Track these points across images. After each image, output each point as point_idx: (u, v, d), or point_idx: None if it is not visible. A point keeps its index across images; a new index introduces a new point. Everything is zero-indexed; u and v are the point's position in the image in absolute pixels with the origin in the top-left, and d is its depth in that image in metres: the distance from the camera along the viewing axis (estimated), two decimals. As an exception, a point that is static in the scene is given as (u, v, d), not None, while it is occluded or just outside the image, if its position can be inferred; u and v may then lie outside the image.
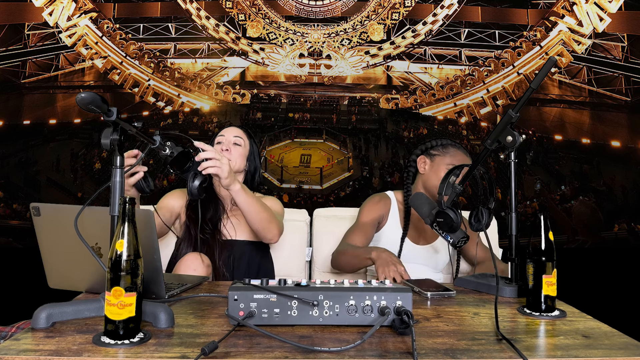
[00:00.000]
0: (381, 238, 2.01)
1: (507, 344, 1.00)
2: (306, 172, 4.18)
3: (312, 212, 2.28)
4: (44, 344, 0.97)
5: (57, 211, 1.26)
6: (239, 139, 1.98)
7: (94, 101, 1.03)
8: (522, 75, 4.19)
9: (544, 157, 4.15)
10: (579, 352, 0.98)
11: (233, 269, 1.87)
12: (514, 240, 1.44)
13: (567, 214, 4.06)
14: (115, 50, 4.21)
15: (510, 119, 1.37)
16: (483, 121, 4.20)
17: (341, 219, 2.22)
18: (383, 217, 2.02)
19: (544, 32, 4.20)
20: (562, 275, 1.33)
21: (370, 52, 4.28)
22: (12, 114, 4.16)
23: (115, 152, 1.13)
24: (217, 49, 4.26)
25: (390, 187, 4.11)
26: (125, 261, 0.96)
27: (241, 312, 1.06)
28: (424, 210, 1.58)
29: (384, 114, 4.24)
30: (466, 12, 4.26)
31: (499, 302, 1.27)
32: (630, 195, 4.06)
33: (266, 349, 0.96)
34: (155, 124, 4.18)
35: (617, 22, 4.13)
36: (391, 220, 2.02)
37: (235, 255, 1.88)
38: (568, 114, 4.22)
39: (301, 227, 2.20)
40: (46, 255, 1.30)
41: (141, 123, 1.19)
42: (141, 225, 1.03)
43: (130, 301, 0.96)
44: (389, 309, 1.07)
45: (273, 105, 4.26)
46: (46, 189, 4.11)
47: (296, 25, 4.28)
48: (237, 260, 1.88)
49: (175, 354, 0.93)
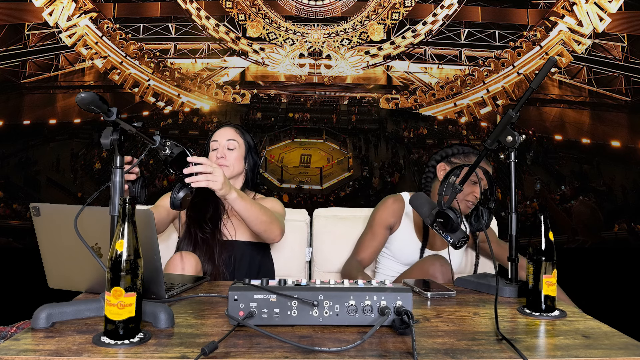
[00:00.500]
0: (394, 241, 2.00)
1: (507, 344, 1.00)
2: (306, 172, 4.18)
3: (312, 212, 2.28)
4: (44, 344, 0.97)
5: (57, 211, 1.25)
6: (232, 142, 1.96)
7: (93, 101, 1.03)
8: (522, 75, 4.19)
9: (544, 157, 4.15)
10: (579, 352, 0.98)
11: (234, 270, 1.87)
12: (514, 240, 1.44)
13: (567, 214, 4.06)
14: (115, 50, 4.21)
15: (510, 119, 1.37)
16: (483, 121, 4.20)
17: (341, 219, 2.22)
18: (396, 220, 1.98)
19: (544, 32, 4.20)
20: (562, 275, 1.33)
21: (370, 52, 4.28)
22: (12, 114, 4.16)
23: (115, 152, 1.13)
24: (217, 49, 4.26)
25: (390, 187, 4.12)
26: (125, 261, 0.96)
27: (241, 312, 1.06)
28: (424, 210, 1.58)
29: (384, 114, 4.24)
30: (466, 12, 4.26)
31: (499, 302, 1.27)
32: (630, 195, 4.06)
33: (266, 349, 0.96)
34: (155, 124, 4.18)
35: (617, 22, 4.13)
36: (405, 223, 1.99)
37: (236, 255, 1.88)
38: (568, 114, 4.22)
39: (301, 227, 2.20)
40: (46, 255, 1.29)
41: (141, 123, 1.19)
42: (141, 225, 1.03)
43: (130, 301, 0.96)
44: (389, 309, 1.07)
45: (273, 105, 4.26)
46: (46, 189, 4.11)
47: (296, 25, 4.28)
48: (238, 261, 1.88)
49: (175, 354, 0.93)
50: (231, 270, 1.86)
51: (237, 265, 1.88)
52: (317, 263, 2.18)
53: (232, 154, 1.95)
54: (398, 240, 1.99)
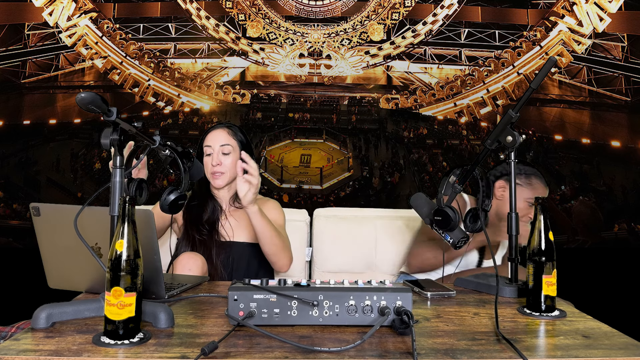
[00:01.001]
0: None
1: (507, 344, 1.00)
2: (306, 172, 4.18)
3: (312, 212, 2.28)
4: (44, 344, 0.97)
5: (57, 211, 1.25)
6: (227, 147, 1.93)
7: (93, 101, 1.02)
8: (522, 75, 4.19)
9: (544, 157, 4.15)
10: (579, 352, 0.98)
11: (232, 270, 1.86)
12: (514, 240, 1.44)
13: (567, 214, 4.06)
14: (115, 50, 4.21)
15: (510, 119, 1.37)
16: (483, 121, 4.20)
17: (341, 219, 2.22)
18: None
19: (544, 32, 4.20)
20: (562, 275, 1.33)
21: (370, 52, 4.28)
22: (12, 114, 4.16)
23: (115, 152, 1.13)
24: (217, 49, 4.26)
25: (390, 187, 4.12)
26: (125, 261, 0.96)
27: (241, 312, 1.06)
28: (423, 210, 1.58)
29: (384, 114, 4.24)
30: (466, 12, 4.26)
31: (499, 302, 1.27)
32: (630, 195, 4.06)
33: (266, 349, 0.96)
34: (155, 124, 4.19)
35: (617, 22, 4.13)
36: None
37: (234, 256, 1.88)
38: (568, 114, 4.22)
39: (301, 227, 2.20)
40: (46, 255, 1.29)
41: (141, 123, 1.19)
42: (141, 225, 1.03)
43: (130, 301, 0.96)
44: (389, 309, 1.07)
45: (273, 105, 4.26)
46: (46, 189, 4.12)
47: (296, 25, 4.28)
48: (237, 261, 1.88)
49: (175, 354, 0.93)
50: (229, 271, 1.86)
51: (235, 266, 1.87)
52: (317, 263, 2.18)
53: (227, 159, 1.93)
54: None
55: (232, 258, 1.87)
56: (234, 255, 1.88)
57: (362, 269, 2.18)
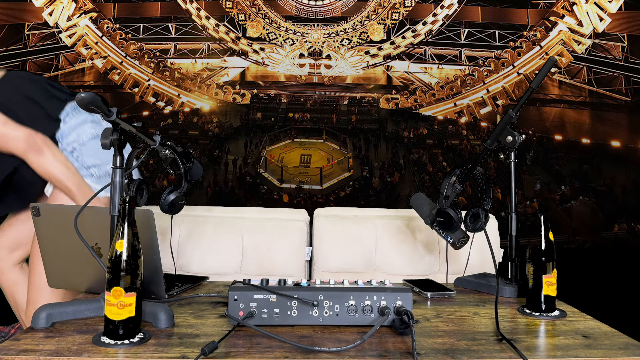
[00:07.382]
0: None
1: (507, 344, 1.00)
2: (306, 172, 4.18)
3: (312, 212, 2.28)
4: (44, 344, 0.97)
5: (57, 211, 1.26)
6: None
7: (93, 101, 1.03)
8: (522, 75, 4.19)
9: (544, 157, 4.15)
10: (579, 352, 0.98)
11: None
12: (514, 240, 1.44)
13: (567, 214, 4.06)
14: (115, 50, 4.20)
15: (510, 119, 1.37)
16: (483, 121, 4.20)
17: (341, 218, 2.22)
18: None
19: (544, 32, 4.20)
20: (562, 275, 1.33)
21: (370, 52, 4.28)
22: (12, 114, 4.16)
23: (115, 152, 1.13)
24: (217, 49, 4.26)
25: (390, 187, 4.12)
26: (125, 261, 0.96)
27: (241, 312, 1.06)
28: (424, 210, 1.58)
29: (384, 114, 4.24)
30: (466, 12, 4.26)
31: (499, 302, 1.27)
32: (630, 195, 4.06)
33: (266, 349, 0.96)
34: (155, 124, 4.18)
35: (617, 22, 4.13)
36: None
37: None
38: (568, 114, 4.22)
39: (301, 227, 2.19)
40: (46, 255, 1.29)
41: (141, 123, 1.19)
42: (141, 225, 1.03)
43: (130, 301, 0.96)
44: (389, 309, 1.07)
45: (273, 105, 4.26)
46: (46, 189, 4.11)
47: (296, 25, 4.28)
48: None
49: (175, 354, 0.93)
50: None
51: None
52: (317, 263, 2.18)
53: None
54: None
55: None
56: None
57: (362, 268, 2.18)
